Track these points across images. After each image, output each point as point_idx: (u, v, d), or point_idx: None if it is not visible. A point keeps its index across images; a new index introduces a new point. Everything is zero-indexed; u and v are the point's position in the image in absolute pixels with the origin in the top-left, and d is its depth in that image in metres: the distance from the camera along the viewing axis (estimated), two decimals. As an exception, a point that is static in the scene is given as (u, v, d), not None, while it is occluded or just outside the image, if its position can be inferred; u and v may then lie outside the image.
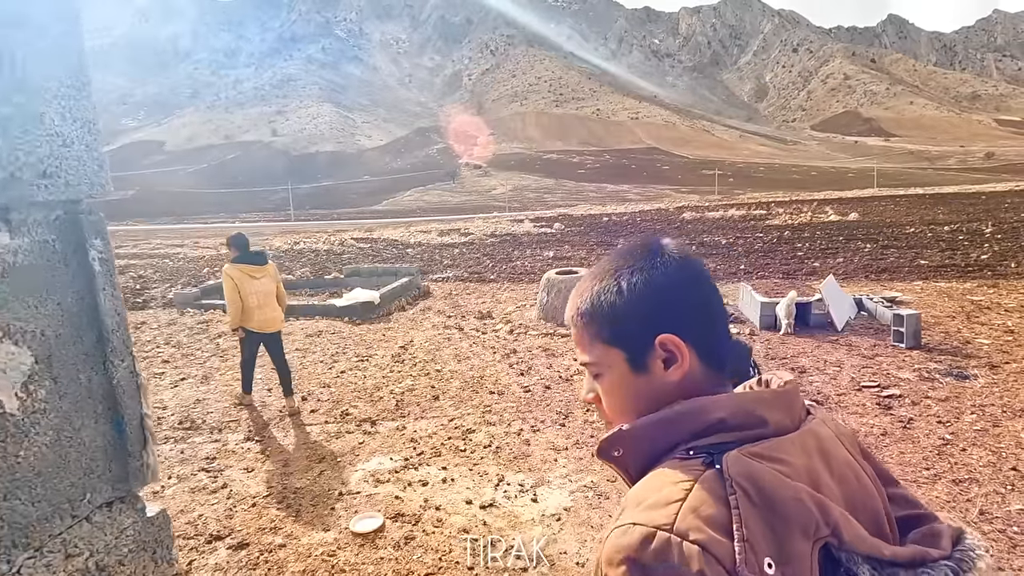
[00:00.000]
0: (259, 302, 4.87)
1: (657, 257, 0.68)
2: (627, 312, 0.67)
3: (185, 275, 14.69)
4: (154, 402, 5.32)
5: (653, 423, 0.64)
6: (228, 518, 3.30)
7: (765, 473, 0.56)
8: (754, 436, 0.60)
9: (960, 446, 3.84)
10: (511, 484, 3.57)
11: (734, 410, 0.62)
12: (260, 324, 4.91)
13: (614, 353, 0.68)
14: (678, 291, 0.67)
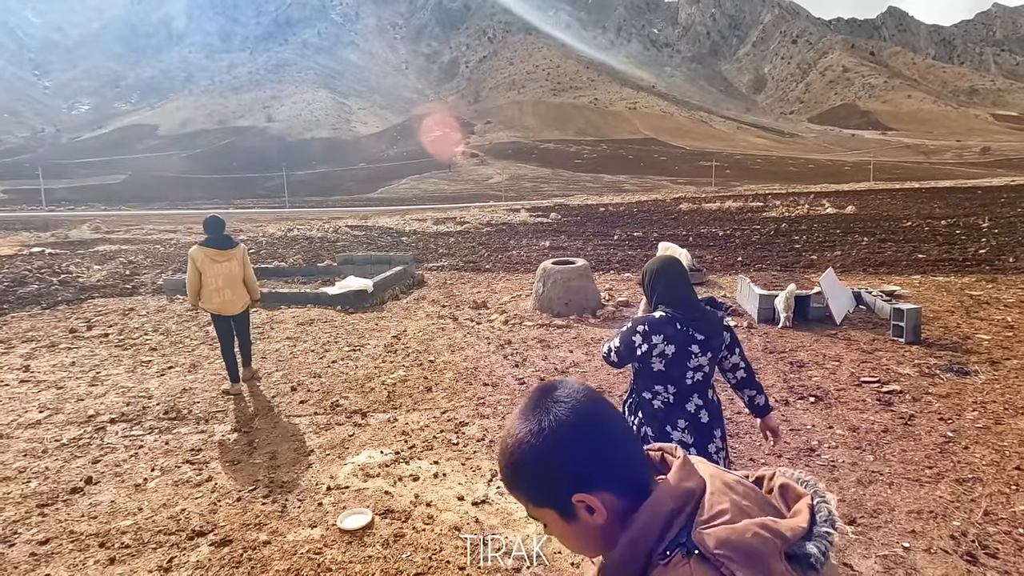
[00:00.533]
0: (219, 284, 5.01)
1: (544, 420, 0.72)
2: (539, 481, 0.72)
3: (176, 261, 14.48)
4: (139, 391, 5.19)
5: (617, 562, 0.71)
6: (212, 513, 3.19)
7: (727, 532, 0.66)
8: (694, 507, 0.69)
9: (963, 444, 3.77)
10: (504, 480, 3.47)
11: (664, 506, 0.69)
12: (219, 306, 5.07)
13: (547, 512, 0.74)
14: (569, 452, 0.71)
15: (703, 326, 2.27)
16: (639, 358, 2.31)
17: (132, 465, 3.83)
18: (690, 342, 2.24)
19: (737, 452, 3.76)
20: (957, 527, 2.88)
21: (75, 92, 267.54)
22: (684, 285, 2.32)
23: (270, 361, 6.04)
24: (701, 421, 2.29)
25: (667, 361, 2.25)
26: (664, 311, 2.28)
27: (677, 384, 2.28)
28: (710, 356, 2.28)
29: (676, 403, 2.29)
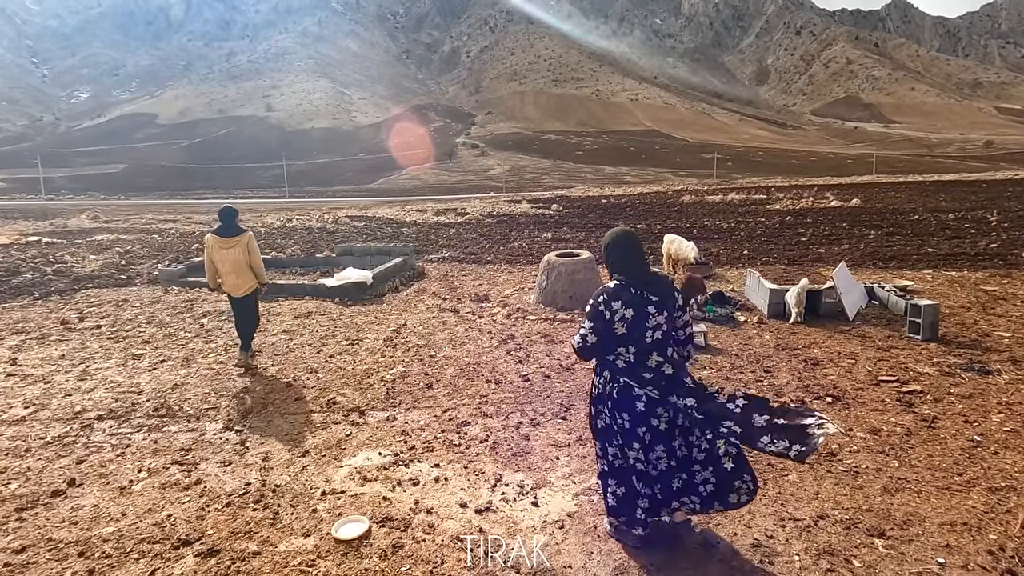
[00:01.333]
0: (227, 269, 5.43)
1: None
2: None
3: (173, 251, 14.27)
4: (129, 386, 5.01)
5: None
6: (199, 519, 3.01)
7: None
8: None
9: (991, 449, 3.58)
10: (509, 485, 3.29)
11: None
12: (230, 288, 5.51)
13: None
14: None
15: (656, 288, 2.54)
16: (607, 325, 2.49)
17: (118, 466, 3.65)
18: (646, 304, 2.50)
19: (753, 456, 3.57)
20: (994, 541, 2.70)
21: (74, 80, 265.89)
22: (635, 254, 2.59)
23: (266, 355, 5.85)
24: (665, 373, 2.52)
25: (628, 324, 2.48)
26: (619, 279, 2.55)
27: (637, 344, 2.50)
28: (666, 315, 2.54)
29: (637, 361, 2.51)
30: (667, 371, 2.51)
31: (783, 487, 3.20)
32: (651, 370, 2.50)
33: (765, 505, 3.02)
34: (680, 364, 2.60)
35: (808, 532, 2.79)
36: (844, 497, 3.09)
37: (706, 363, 5.31)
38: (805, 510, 2.97)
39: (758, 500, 3.06)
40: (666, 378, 2.51)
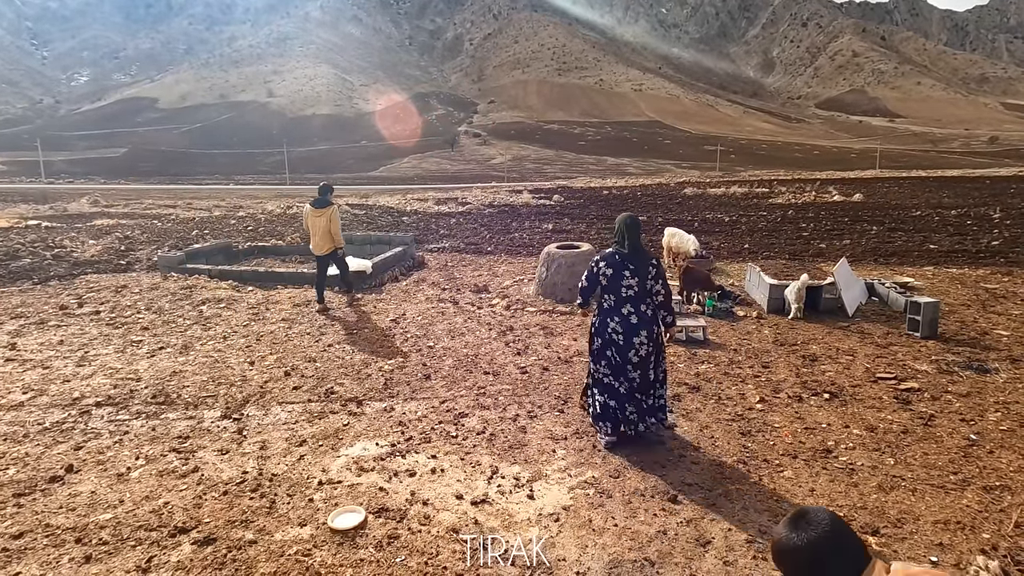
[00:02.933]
0: (314, 232, 7.12)
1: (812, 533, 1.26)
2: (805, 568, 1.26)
3: (173, 237, 14.23)
4: (128, 373, 5.01)
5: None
6: (196, 507, 3.02)
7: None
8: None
9: (987, 448, 3.59)
10: (505, 477, 3.30)
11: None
12: (314, 247, 7.20)
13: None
14: (832, 557, 1.24)
15: (634, 259, 3.59)
16: (594, 276, 3.68)
17: (116, 453, 3.66)
18: (623, 268, 3.58)
19: (750, 451, 3.58)
20: (987, 540, 2.71)
21: (74, 63, 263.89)
22: (628, 234, 3.61)
23: (264, 344, 5.86)
24: (630, 321, 3.59)
25: (608, 279, 3.62)
26: (612, 248, 3.68)
27: (615, 295, 3.62)
28: (638, 280, 3.58)
29: (615, 307, 3.64)
30: (632, 321, 3.58)
31: (778, 483, 3.21)
32: (621, 316, 3.60)
33: (760, 501, 3.03)
34: (646, 320, 3.59)
35: (802, 529, 2.80)
36: (839, 494, 3.10)
37: (704, 358, 5.31)
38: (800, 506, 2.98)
39: (752, 496, 3.08)
40: (628, 325, 3.58)
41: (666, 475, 3.31)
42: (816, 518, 1.25)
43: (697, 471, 3.36)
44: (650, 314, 3.60)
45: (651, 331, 3.59)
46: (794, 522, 1.27)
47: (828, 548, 1.22)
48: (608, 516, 2.91)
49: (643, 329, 3.56)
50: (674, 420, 3.98)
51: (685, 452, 3.58)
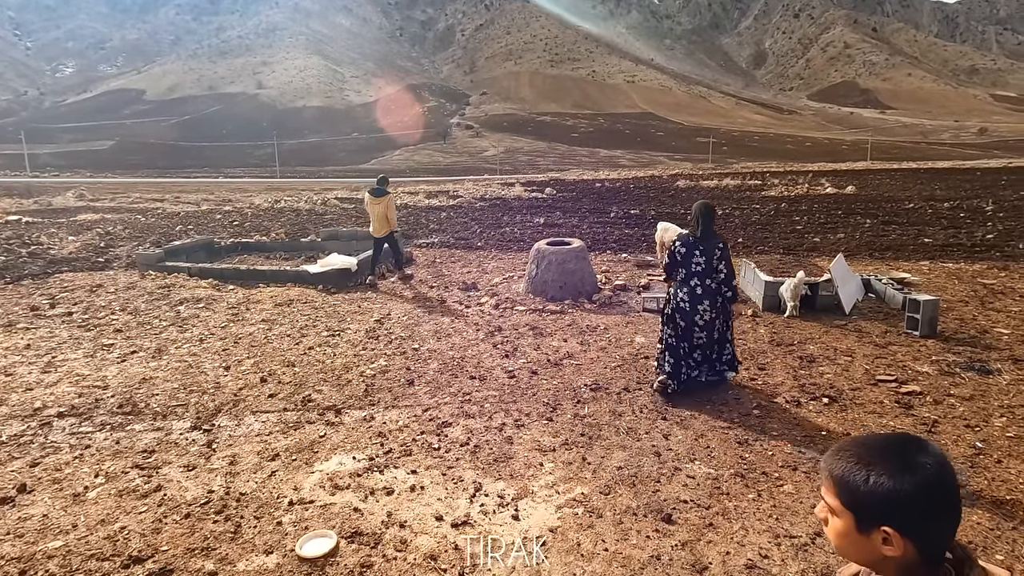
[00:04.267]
0: (372, 218, 8.37)
1: (907, 472, 0.83)
2: (866, 500, 0.86)
3: (156, 233, 13.90)
4: (95, 380, 4.76)
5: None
6: (155, 533, 2.80)
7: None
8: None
9: (994, 457, 3.43)
10: (489, 495, 3.10)
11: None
12: (373, 231, 8.43)
13: (848, 514, 0.89)
14: (914, 507, 0.82)
15: (705, 242, 4.34)
16: (673, 255, 4.42)
17: (74, 469, 3.43)
18: (695, 249, 4.34)
19: (747, 463, 3.40)
20: (1001, 561, 2.55)
21: (58, 53, 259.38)
22: (703, 221, 4.35)
23: (242, 347, 5.62)
24: (696, 292, 4.34)
25: (682, 256, 4.37)
26: (688, 231, 4.46)
27: (687, 269, 4.36)
28: (705, 259, 4.33)
29: (685, 279, 4.38)
30: (698, 291, 4.33)
31: (778, 500, 3.03)
32: (690, 287, 4.35)
33: (759, 520, 2.85)
34: (710, 292, 4.34)
35: (804, 551, 2.62)
36: (842, 511, 2.92)
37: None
38: (801, 526, 2.80)
39: (751, 515, 2.90)
40: (695, 296, 4.34)
41: (660, 490, 3.12)
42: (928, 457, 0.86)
43: (692, 485, 3.18)
44: (714, 287, 4.35)
45: (714, 300, 4.34)
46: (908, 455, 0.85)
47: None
48: (598, 539, 2.72)
49: (706, 299, 4.33)
50: (735, 375, 4.63)
51: (680, 464, 3.40)
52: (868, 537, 0.86)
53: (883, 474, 0.84)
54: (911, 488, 0.82)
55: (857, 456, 0.88)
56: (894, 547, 0.84)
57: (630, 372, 4.84)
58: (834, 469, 0.90)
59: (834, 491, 0.90)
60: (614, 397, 4.35)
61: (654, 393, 4.36)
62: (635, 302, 7.09)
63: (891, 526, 0.83)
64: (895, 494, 0.82)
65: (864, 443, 0.90)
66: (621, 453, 3.52)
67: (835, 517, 0.91)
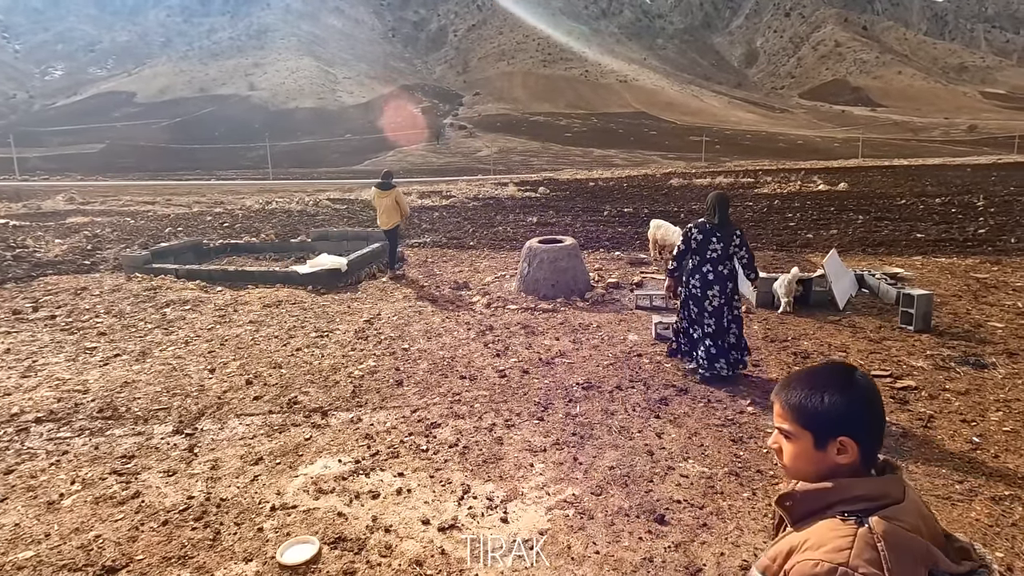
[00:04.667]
0: (381, 211, 8.79)
1: (851, 388, 1.00)
2: (825, 416, 0.99)
3: (145, 235, 13.75)
4: (75, 384, 4.65)
5: (817, 491, 0.99)
6: (131, 541, 2.71)
7: (899, 531, 0.91)
8: (882, 505, 0.94)
9: (992, 451, 3.38)
10: (478, 497, 3.02)
11: (872, 491, 0.96)
12: (381, 223, 8.84)
13: (805, 433, 1.02)
14: (861, 413, 1.00)
15: (721, 229, 4.49)
16: (688, 241, 4.52)
17: (50, 476, 3.33)
18: (711, 235, 4.47)
19: (742, 461, 3.34)
20: (1001, 559, 2.49)
21: (47, 56, 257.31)
22: (719, 209, 4.51)
23: (228, 348, 5.51)
24: (708, 278, 4.48)
25: (698, 243, 4.49)
26: (704, 219, 4.55)
27: (701, 256, 4.50)
28: (722, 246, 4.46)
29: (698, 266, 4.52)
30: (710, 277, 4.48)
31: (773, 498, 2.96)
32: (702, 273, 4.50)
33: (755, 520, 2.78)
34: (722, 278, 4.49)
35: (801, 551, 2.55)
36: (838, 509, 2.86)
37: (692, 356, 5.07)
38: (797, 525, 2.73)
39: (746, 514, 2.83)
40: (706, 281, 4.49)
41: (652, 490, 3.05)
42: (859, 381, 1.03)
43: (686, 485, 3.11)
44: (725, 273, 4.49)
45: (724, 287, 4.47)
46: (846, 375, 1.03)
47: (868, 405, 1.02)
48: (589, 541, 2.64)
49: (717, 285, 4.46)
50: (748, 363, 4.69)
51: (673, 463, 3.33)
52: (824, 452, 1.00)
53: (835, 394, 0.99)
54: (857, 400, 0.99)
55: (808, 384, 1.02)
56: (848, 453, 0.98)
57: (623, 370, 4.77)
58: (790, 399, 1.03)
59: (791, 417, 1.03)
60: (606, 396, 4.28)
61: (689, 374, 4.63)
62: (628, 300, 7.02)
63: (846, 435, 0.98)
64: (847, 407, 0.98)
65: (808, 374, 1.05)
66: (613, 452, 3.44)
67: (791, 442, 1.03)
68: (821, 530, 0.95)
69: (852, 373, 1.02)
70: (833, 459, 0.99)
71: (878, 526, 0.90)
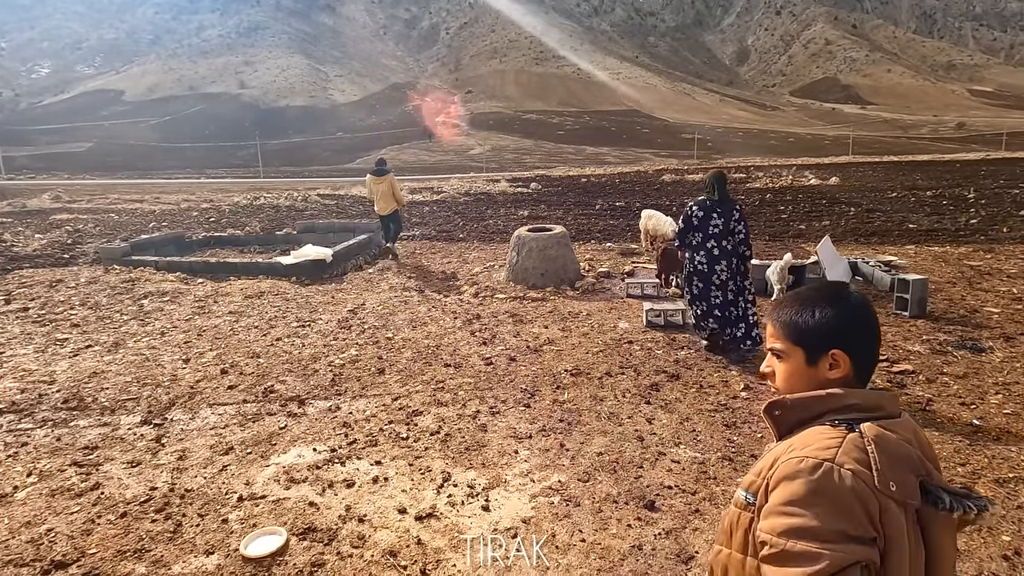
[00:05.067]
0: (377, 197, 8.92)
1: (842, 300, 0.99)
2: (816, 330, 0.98)
3: (128, 229, 13.47)
4: (42, 375, 4.45)
5: (809, 399, 0.96)
6: (85, 535, 2.53)
7: (890, 436, 0.89)
8: (874, 417, 0.91)
9: (993, 434, 3.26)
10: (458, 485, 2.86)
11: (866, 400, 0.93)
12: (379, 209, 9.01)
13: (796, 349, 1.00)
14: (853, 326, 0.98)
15: (722, 205, 4.58)
16: (689, 219, 4.62)
17: (6, 469, 3.14)
18: (712, 211, 4.57)
19: (735, 446, 3.20)
20: (1007, 543, 2.36)
21: (34, 54, 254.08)
22: (718, 186, 4.62)
23: (205, 339, 5.32)
24: (713, 253, 4.57)
25: (699, 220, 4.58)
26: (704, 196, 4.67)
27: (704, 232, 4.57)
28: (723, 221, 4.54)
29: (702, 242, 4.58)
30: (715, 252, 4.56)
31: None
32: (707, 249, 4.58)
33: (749, 505, 2.64)
34: (727, 253, 4.56)
35: (798, 537, 2.42)
36: (836, 493, 2.73)
37: (684, 343, 4.94)
38: (794, 510, 2.60)
39: (741, 499, 2.68)
40: (712, 256, 4.57)
41: (642, 476, 2.91)
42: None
43: (677, 470, 2.97)
44: (729, 248, 4.56)
45: (729, 262, 4.57)
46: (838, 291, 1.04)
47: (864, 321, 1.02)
48: (575, 529, 2.50)
49: (723, 260, 4.54)
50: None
51: (664, 448, 3.19)
52: (816, 368, 0.98)
53: (826, 308, 0.98)
54: (848, 311, 0.98)
55: (799, 302, 1.01)
56: (841, 367, 0.96)
57: (613, 357, 4.63)
58: (781, 317, 1.02)
59: (782, 334, 1.01)
60: (595, 382, 4.13)
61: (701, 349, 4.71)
62: (619, 288, 6.89)
63: (838, 347, 0.96)
64: (837, 319, 0.97)
65: (799, 294, 1.03)
66: (602, 439, 3.30)
67: (783, 362, 1.01)
68: (808, 434, 0.92)
69: (843, 288, 1.02)
70: (825, 375, 0.97)
71: (869, 431, 0.87)
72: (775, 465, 0.91)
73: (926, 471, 0.88)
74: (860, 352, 0.97)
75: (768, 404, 1.00)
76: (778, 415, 0.98)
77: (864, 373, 0.98)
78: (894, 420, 0.92)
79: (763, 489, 0.92)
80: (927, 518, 0.88)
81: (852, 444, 0.86)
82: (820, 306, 0.98)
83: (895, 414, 0.93)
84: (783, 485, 0.87)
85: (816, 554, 0.80)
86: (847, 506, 0.82)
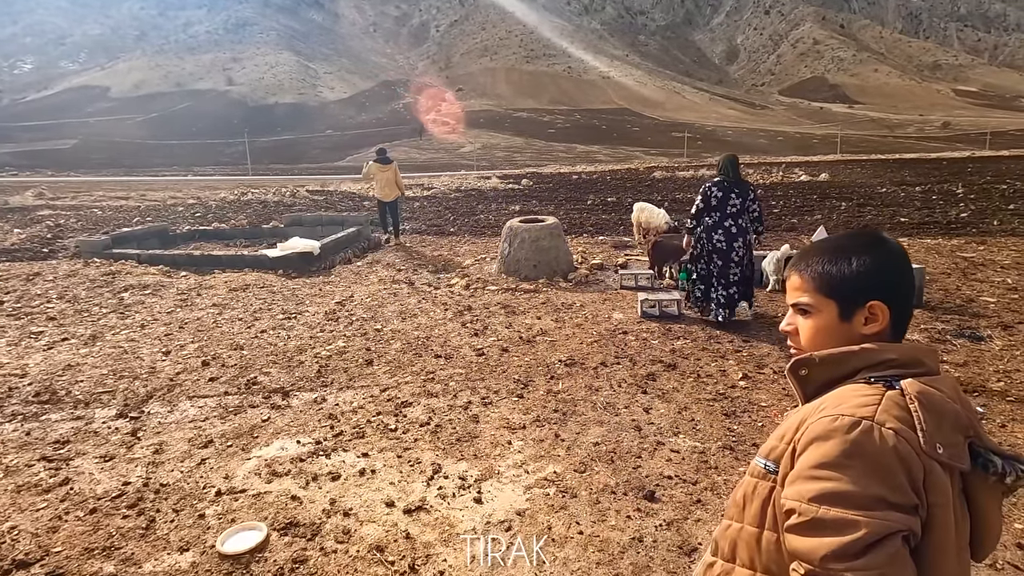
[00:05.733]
0: (382, 184, 9.46)
1: (880, 246, 0.89)
2: (855, 281, 0.88)
3: (111, 224, 13.16)
4: (13, 368, 4.26)
5: (841, 354, 0.86)
6: (50, 532, 2.38)
7: (934, 393, 0.79)
8: (913, 373, 0.82)
9: (998, 422, 3.19)
10: (449, 477, 2.74)
11: (904, 355, 0.84)
12: (382, 195, 9.53)
13: (829, 303, 0.89)
14: (893, 274, 0.88)
15: (738, 185, 4.88)
16: (707, 198, 4.86)
17: (-30, 464, 2.96)
18: (730, 192, 4.85)
19: (736, 435, 3.10)
20: (1020, 531, 2.28)
21: (16, 50, 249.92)
22: (732, 168, 4.92)
23: (187, 331, 5.15)
24: (731, 232, 4.82)
25: (717, 200, 4.84)
26: (720, 177, 4.93)
27: (722, 212, 4.83)
28: (740, 200, 4.83)
29: (719, 222, 4.85)
30: (733, 231, 4.81)
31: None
32: (725, 228, 4.81)
33: (752, 494, 2.54)
34: (743, 231, 4.84)
35: (805, 527, 2.32)
36: (842, 482, 2.63)
37: (680, 333, 4.84)
38: (799, 499, 2.50)
39: (744, 489, 2.58)
40: (730, 235, 4.81)
41: (641, 466, 2.80)
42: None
43: (677, 460, 2.86)
44: (745, 226, 4.83)
45: (746, 239, 4.84)
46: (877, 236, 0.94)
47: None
48: (572, 521, 2.38)
49: (741, 237, 4.81)
50: (752, 312, 5.10)
51: (663, 438, 3.08)
52: (850, 323, 0.88)
53: (864, 256, 0.88)
54: (889, 259, 0.88)
55: (833, 251, 0.91)
56: (879, 321, 0.87)
57: (608, 347, 4.52)
58: (812, 267, 0.92)
59: (813, 287, 0.91)
60: (591, 372, 4.02)
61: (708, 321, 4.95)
62: (613, 280, 6.78)
63: (878, 298, 0.86)
64: (878, 268, 0.87)
65: (830, 241, 0.94)
66: (598, 429, 3.18)
67: (810, 317, 0.91)
68: (841, 392, 0.83)
69: (876, 234, 0.92)
70: (859, 330, 0.87)
71: (911, 387, 0.79)
72: (802, 427, 0.82)
73: (975, 432, 0.80)
74: (900, 304, 0.88)
75: (793, 362, 0.90)
76: (804, 375, 0.89)
77: (900, 327, 0.89)
78: (935, 377, 0.83)
79: (788, 454, 0.83)
80: (975, 484, 0.80)
81: (892, 402, 0.78)
82: (858, 254, 0.88)
83: (935, 370, 0.85)
84: (814, 446, 0.78)
85: (852, 521, 0.72)
86: (888, 469, 0.73)
